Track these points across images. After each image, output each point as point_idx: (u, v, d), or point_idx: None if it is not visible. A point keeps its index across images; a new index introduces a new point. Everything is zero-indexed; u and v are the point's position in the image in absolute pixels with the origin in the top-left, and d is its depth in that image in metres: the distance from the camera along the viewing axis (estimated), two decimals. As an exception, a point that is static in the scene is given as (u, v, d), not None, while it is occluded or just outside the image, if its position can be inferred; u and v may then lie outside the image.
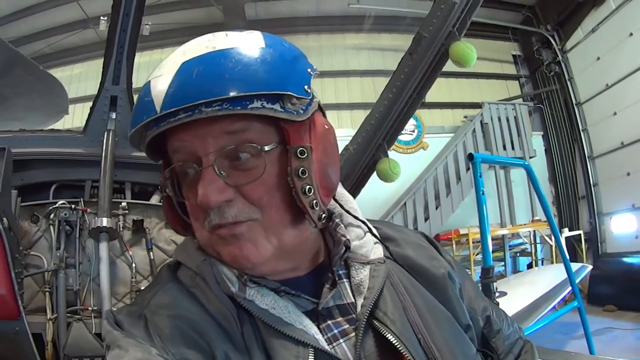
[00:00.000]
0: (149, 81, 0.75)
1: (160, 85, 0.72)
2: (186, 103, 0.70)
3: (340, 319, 0.83)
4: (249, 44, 0.76)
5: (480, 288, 2.86)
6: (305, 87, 0.77)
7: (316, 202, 0.78)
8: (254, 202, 0.76)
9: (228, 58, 0.73)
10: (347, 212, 0.95)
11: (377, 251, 0.92)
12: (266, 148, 0.76)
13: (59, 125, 4.07)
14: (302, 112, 0.77)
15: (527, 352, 1.04)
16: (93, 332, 2.29)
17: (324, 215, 0.82)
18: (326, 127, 0.83)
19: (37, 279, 2.37)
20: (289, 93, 0.74)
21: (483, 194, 3.13)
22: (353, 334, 0.81)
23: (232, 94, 0.69)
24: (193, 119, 0.70)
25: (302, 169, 0.76)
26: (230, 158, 0.75)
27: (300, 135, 0.77)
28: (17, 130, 2.62)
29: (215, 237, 0.78)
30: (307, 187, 0.77)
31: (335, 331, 0.81)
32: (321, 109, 0.86)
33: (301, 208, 0.78)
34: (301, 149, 0.76)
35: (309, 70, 0.80)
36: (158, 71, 0.75)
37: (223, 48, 0.74)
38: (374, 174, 2.54)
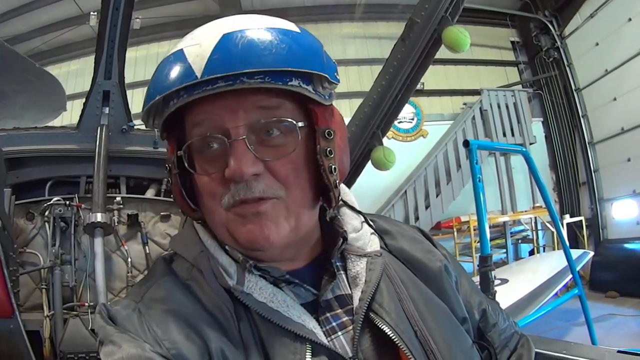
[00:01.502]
0: (181, 49, 0.74)
1: (201, 52, 0.71)
2: (228, 71, 0.69)
3: (339, 310, 0.83)
4: (286, 27, 0.77)
5: (477, 279, 2.87)
6: (335, 73, 0.80)
7: (338, 181, 0.81)
8: (281, 179, 0.77)
9: (271, 34, 0.73)
10: (345, 203, 0.96)
11: (373, 244, 0.92)
12: (299, 124, 0.77)
13: (57, 121, 4.06)
14: (327, 97, 0.81)
15: (523, 346, 1.04)
16: (89, 327, 2.29)
17: (340, 197, 0.85)
18: (341, 116, 0.88)
19: (34, 277, 2.38)
20: (325, 75, 0.76)
21: (480, 181, 3.10)
22: (351, 327, 0.80)
23: (275, 67, 0.70)
24: (233, 88, 0.70)
25: (329, 149, 0.79)
26: (261, 133, 0.76)
27: (325, 119, 0.81)
28: (11, 128, 2.61)
29: (232, 215, 0.77)
30: (333, 166, 0.80)
31: (334, 324, 0.81)
32: None
33: (325, 187, 0.80)
34: (328, 130, 0.80)
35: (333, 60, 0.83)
36: (191, 41, 0.75)
37: (263, 27, 0.75)
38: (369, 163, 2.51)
